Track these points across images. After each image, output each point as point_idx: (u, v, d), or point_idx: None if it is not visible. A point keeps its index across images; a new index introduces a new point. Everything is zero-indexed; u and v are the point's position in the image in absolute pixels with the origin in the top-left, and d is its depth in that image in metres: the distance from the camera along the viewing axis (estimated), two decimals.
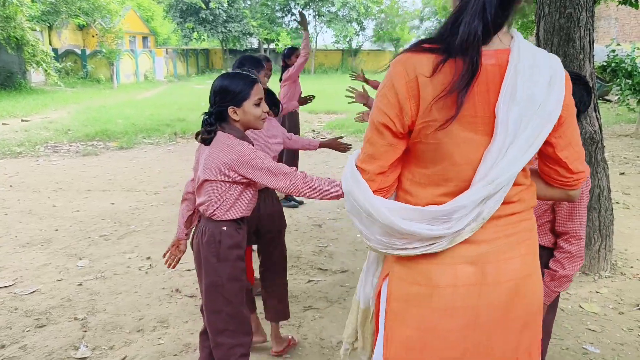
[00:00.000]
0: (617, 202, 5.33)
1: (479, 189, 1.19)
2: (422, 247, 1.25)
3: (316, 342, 2.93)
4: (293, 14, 37.45)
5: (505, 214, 1.25)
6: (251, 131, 2.25)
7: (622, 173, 6.85)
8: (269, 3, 36.11)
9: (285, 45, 33.72)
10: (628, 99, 9.74)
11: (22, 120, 11.94)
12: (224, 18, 33.10)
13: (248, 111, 2.12)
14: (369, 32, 40.03)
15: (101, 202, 5.77)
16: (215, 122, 2.10)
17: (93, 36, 25.34)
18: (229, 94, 2.09)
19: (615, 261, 3.90)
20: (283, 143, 3.07)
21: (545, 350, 2.28)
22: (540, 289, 1.33)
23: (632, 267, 3.89)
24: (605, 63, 9.77)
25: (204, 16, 32.39)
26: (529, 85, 1.16)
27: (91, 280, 3.76)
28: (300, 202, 5.73)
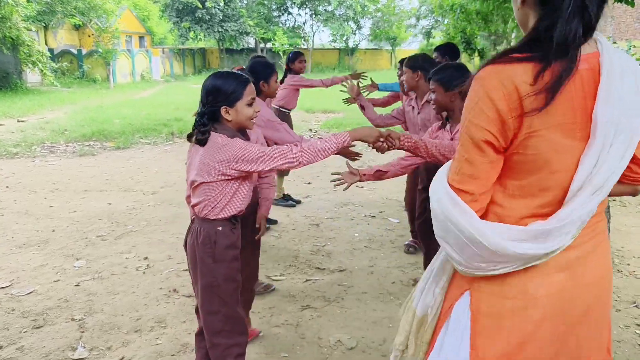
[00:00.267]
0: (614, 200, 5.34)
1: (587, 199, 1.17)
2: (522, 265, 1.22)
3: (314, 342, 2.93)
4: (290, 13, 37.45)
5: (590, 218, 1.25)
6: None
7: None
8: (266, 2, 36.08)
9: (281, 44, 33.72)
10: None
11: (18, 120, 11.89)
12: (221, 17, 33.04)
13: (241, 111, 2.11)
14: (366, 31, 40.08)
15: (98, 203, 5.75)
16: (208, 123, 2.08)
17: (89, 36, 25.30)
18: (222, 94, 2.07)
19: (612, 259, 3.91)
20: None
21: None
22: (611, 287, 1.35)
23: (629, 265, 3.91)
24: None
25: (201, 15, 32.33)
26: (621, 88, 1.15)
27: (88, 280, 3.76)
28: (297, 202, 5.73)
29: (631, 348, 2.83)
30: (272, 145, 3.33)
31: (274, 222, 4.95)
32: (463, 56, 22.84)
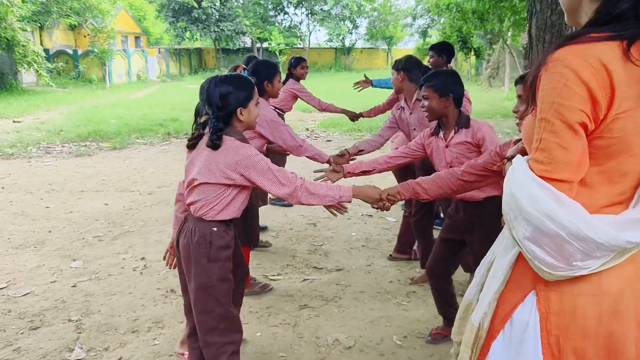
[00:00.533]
0: None
1: None
2: (618, 258, 1.17)
3: (312, 341, 2.93)
4: (286, 13, 37.45)
5: None
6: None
7: None
8: (262, 2, 36.08)
9: (278, 44, 33.70)
10: None
11: (14, 121, 11.85)
12: (217, 17, 33.00)
13: (252, 111, 2.18)
14: (362, 30, 40.08)
15: (95, 203, 5.74)
16: (224, 127, 2.10)
17: (85, 36, 25.19)
18: (237, 96, 2.12)
19: None
20: (295, 150, 3.14)
21: None
22: None
23: None
24: None
25: (197, 15, 32.27)
26: None
27: (85, 281, 3.75)
28: None
29: None
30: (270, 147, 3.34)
31: (264, 228, 4.80)
32: (459, 55, 22.89)
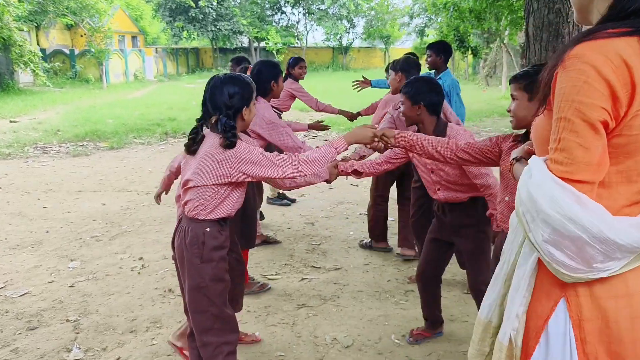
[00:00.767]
0: None
1: None
2: (634, 261, 1.15)
3: (310, 340, 2.93)
4: (283, 12, 37.42)
5: None
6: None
7: None
8: (259, 1, 36.03)
9: (275, 43, 33.68)
10: None
11: (11, 121, 11.81)
12: (214, 16, 32.96)
13: (252, 111, 2.21)
14: (359, 30, 40.11)
15: (92, 203, 5.73)
16: (234, 125, 2.10)
17: (81, 36, 25.17)
18: (243, 96, 2.13)
19: None
20: (293, 151, 3.14)
21: None
22: None
23: None
24: None
25: (194, 15, 32.22)
26: None
27: (83, 281, 3.74)
28: (292, 201, 5.73)
29: None
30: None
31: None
32: (456, 54, 22.92)
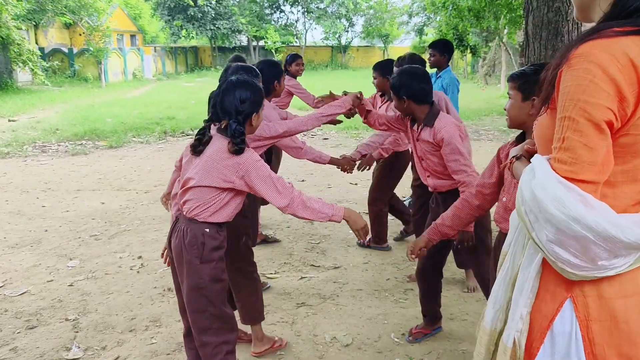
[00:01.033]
0: None
1: None
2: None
3: (309, 339, 2.93)
4: (282, 11, 37.38)
5: None
6: None
7: None
8: (258, 0, 35.97)
9: (274, 42, 33.64)
10: None
11: (9, 120, 11.80)
12: (213, 15, 32.92)
13: (260, 116, 2.21)
14: (358, 29, 40.09)
15: (91, 202, 5.72)
16: (244, 130, 2.10)
17: (80, 34, 25.13)
18: (254, 101, 2.13)
19: None
20: (295, 152, 3.12)
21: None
22: None
23: None
24: None
25: (193, 13, 32.18)
26: None
27: (82, 280, 3.74)
28: None
29: None
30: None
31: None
32: (455, 53, 22.91)
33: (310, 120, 2.82)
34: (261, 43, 36.07)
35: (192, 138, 2.19)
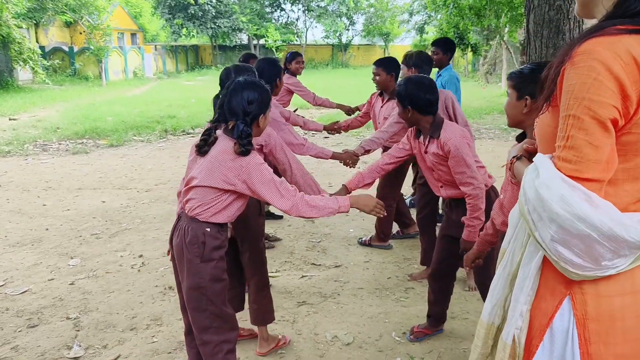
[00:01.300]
0: None
1: None
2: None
3: (310, 337, 2.94)
4: (283, 9, 37.35)
5: None
6: None
7: None
8: None
9: (274, 40, 33.61)
10: None
11: (10, 118, 11.79)
12: (213, 14, 32.88)
13: (268, 118, 2.20)
14: (359, 27, 40.03)
15: (92, 201, 5.72)
16: (251, 132, 2.09)
17: (80, 33, 25.12)
18: (261, 103, 2.11)
19: None
20: (297, 148, 3.12)
21: None
22: None
23: None
24: None
25: (193, 12, 32.15)
26: None
27: (83, 279, 3.74)
28: None
29: None
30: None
31: (279, 218, 5.07)
32: (456, 51, 22.90)
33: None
34: (262, 41, 36.05)
35: (193, 137, 2.19)
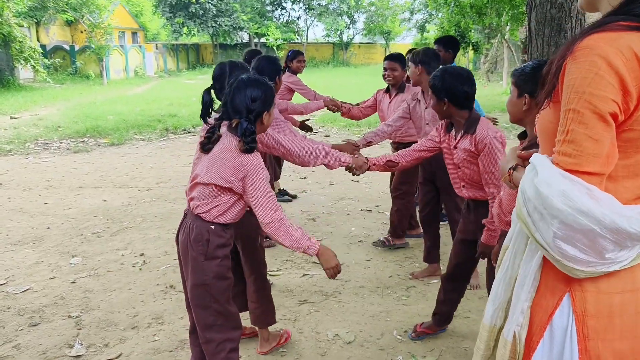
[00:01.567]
0: None
1: None
2: None
3: (312, 336, 2.93)
4: (283, 8, 37.33)
5: None
6: None
7: None
8: None
9: (275, 39, 33.61)
10: None
11: (11, 117, 11.80)
12: (214, 12, 32.90)
13: (272, 115, 2.17)
14: (360, 25, 40.01)
15: (93, 199, 5.73)
16: (255, 130, 2.07)
17: (82, 32, 25.14)
18: (265, 100, 2.09)
19: None
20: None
21: None
22: None
23: None
24: None
25: (194, 10, 32.16)
26: None
27: (84, 277, 3.74)
28: (293, 197, 5.72)
29: None
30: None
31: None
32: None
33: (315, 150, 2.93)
34: (263, 40, 36.05)
35: (194, 135, 2.19)
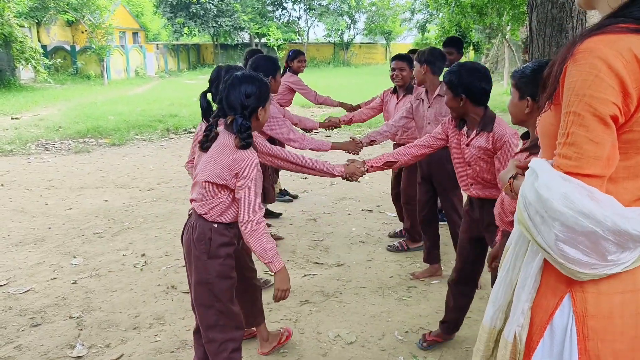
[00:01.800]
0: None
1: None
2: None
3: (313, 336, 2.93)
4: (284, 8, 37.33)
5: None
6: None
7: None
8: None
9: (276, 39, 33.61)
10: None
11: (12, 117, 11.81)
12: (215, 12, 32.90)
13: (267, 111, 2.17)
14: (361, 25, 39.98)
15: (94, 200, 5.73)
16: (249, 126, 2.07)
17: (82, 32, 25.15)
18: (259, 96, 2.09)
19: None
20: (297, 143, 3.10)
21: None
22: None
23: None
24: None
25: (195, 11, 32.17)
26: None
27: (86, 278, 3.74)
28: (294, 197, 5.72)
29: None
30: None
31: (278, 215, 5.06)
32: None
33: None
34: (263, 40, 36.05)
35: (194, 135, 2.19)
